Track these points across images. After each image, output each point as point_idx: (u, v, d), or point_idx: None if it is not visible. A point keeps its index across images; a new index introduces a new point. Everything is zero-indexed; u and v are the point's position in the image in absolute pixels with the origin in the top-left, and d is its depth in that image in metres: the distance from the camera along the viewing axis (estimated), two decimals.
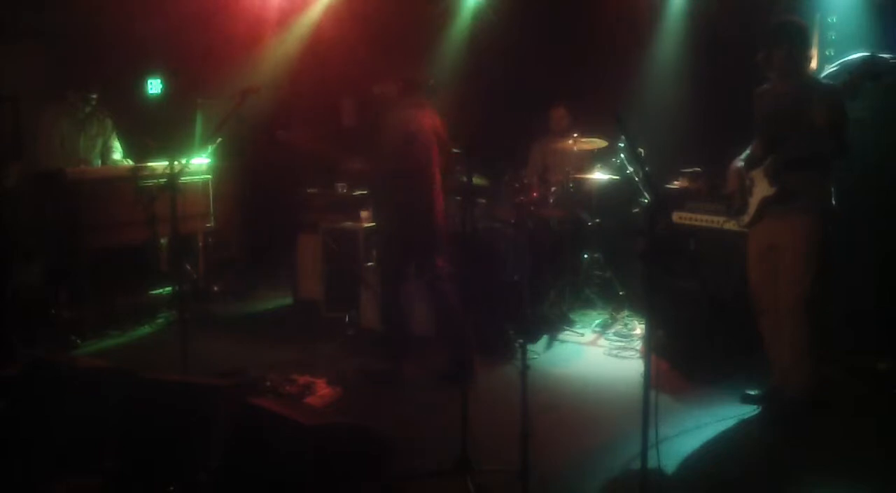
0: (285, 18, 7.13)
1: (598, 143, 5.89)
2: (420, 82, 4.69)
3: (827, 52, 4.95)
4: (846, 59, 4.44)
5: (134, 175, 5.61)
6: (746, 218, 3.99)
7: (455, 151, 4.67)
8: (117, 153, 5.91)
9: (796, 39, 3.82)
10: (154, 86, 6.72)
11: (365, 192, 5.90)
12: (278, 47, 7.08)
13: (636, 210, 5.45)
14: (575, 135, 5.83)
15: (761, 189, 3.87)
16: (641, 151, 4.56)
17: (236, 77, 6.19)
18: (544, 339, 5.30)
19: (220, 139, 5.31)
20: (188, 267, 6.13)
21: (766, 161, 3.84)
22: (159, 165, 5.65)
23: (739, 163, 4.02)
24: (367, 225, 5.80)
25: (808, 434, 3.71)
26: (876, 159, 4.26)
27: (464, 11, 7.02)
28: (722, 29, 5.76)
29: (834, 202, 3.79)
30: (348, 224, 5.84)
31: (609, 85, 6.11)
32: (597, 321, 5.65)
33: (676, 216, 4.99)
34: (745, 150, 4.08)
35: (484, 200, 5.93)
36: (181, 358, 4.08)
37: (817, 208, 3.75)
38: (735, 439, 3.75)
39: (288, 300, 6.32)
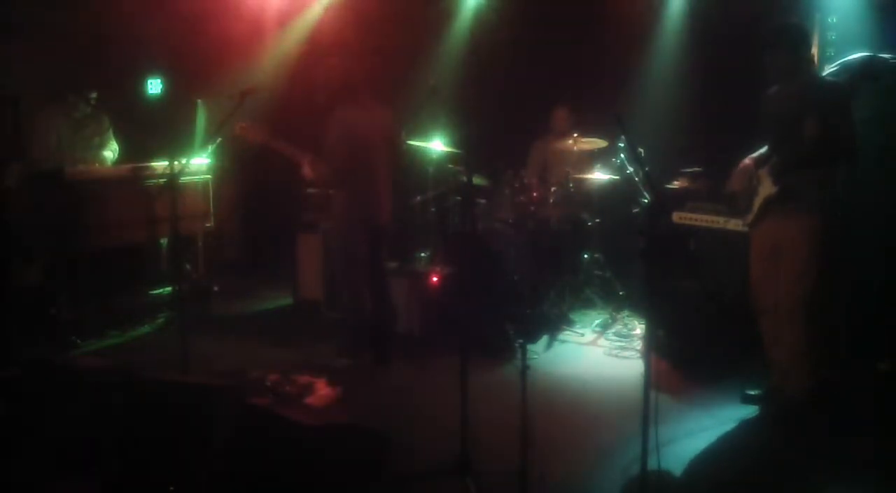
0: (285, 18, 7.13)
1: (598, 143, 5.89)
2: (363, 83, 4.67)
3: (827, 53, 4.95)
4: (846, 59, 4.44)
5: (134, 175, 5.61)
6: (751, 217, 3.99)
7: (455, 151, 4.68)
8: (109, 152, 5.89)
9: (797, 41, 3.82)
10: (154, 86, 6.72)
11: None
12: (278, 47, 7.08)
13: (636, 210, 5.45)
14: (575, 135, 5.84)
15: (765, 189, 3.87)
16: (641, 151, 4.56)
17: (236, 77, 6.19)
18: (544, 339, 5.30)
19: (220, 139, 5.31)
20: (188, 267, 6.13)
21: (770, 161, 3.85)
22: (159, 165, 5.65)
23: (749, 161, 4.02)
24: None
25: (808, 435, 3.70)
26: (876, 158, 4.26)
27: (464, 11, 7.02)
28: (722, 29, 5.76)
29: (838, 203, 3.78)
30: None
31: (609, 85, 6.11)
32: (597, 321, 5.65)
33: (676, 216, 4.98)
34: (745, 149, 4.08)
35: (484, 200, 5.94)
36: (181, 358, 4.08)
37: (819, 209, 3.74)
38: (735, 439, 3.74)
39: (288, 300, 6.32)
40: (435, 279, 5.19)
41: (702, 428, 3.81)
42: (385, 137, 4.68)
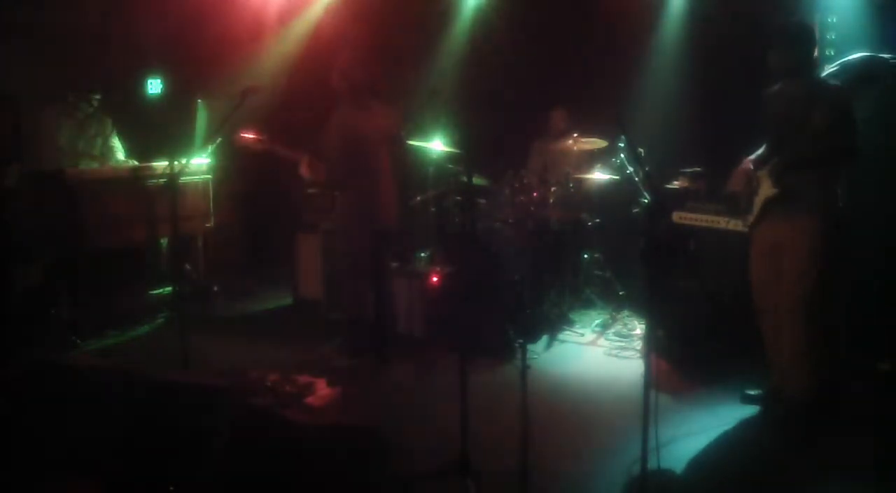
0: (285, 18, 7.13)
1: (598, 143, 5.89)
2: (366, 83, 4.67)
3: (827, 52, 4.95)
4: (846, 59, 4.44)
5: (134, 175, 5.61)
6: (751, 217, 4.00)
7: (455, 151, 4.68)
8: (120, 153, 5.93)
9: (803, 40, 3.81)
10: (154, 86, 6.72)
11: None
12: (278, 47, 7.08)
13: (636, 210, 5.45)
14: (575, 135, 5.84)
15: (765, 189, 3.87)
16: (641, 151, 4.56)
17: (236, 77, 6.19)
18: (544, 339, 5.30)
19: (220, 139, 5.31)
20: (188, 267, 6.13)
21: (770, 161, 3.85)
22: (159, 165, 5.65)
23: (749, 162, 4.02)
24: None
25: (808, 435, 3.70)
26: (876, 158, 4.26)
27: (464, 11, 7.02)
28: (722, 29, 5.76)
29: (840, 204, 3.78)
30: None
31: (609, 85, 6.11)
32: (597, 321, 5.65)
33: (676, 216, 4.98)
34: (745, 149, 4.08)
35: (484, 200, 5.94)
36: (181, 358, 4.08)
37: (819, 209, 3.74)
38: (735, 439, 3.75)
39: (288, 300, 6.32)
40: (435, 279, 5.19)
41: (702, 428, 3.80)
42: (387, 138, 4.68)
